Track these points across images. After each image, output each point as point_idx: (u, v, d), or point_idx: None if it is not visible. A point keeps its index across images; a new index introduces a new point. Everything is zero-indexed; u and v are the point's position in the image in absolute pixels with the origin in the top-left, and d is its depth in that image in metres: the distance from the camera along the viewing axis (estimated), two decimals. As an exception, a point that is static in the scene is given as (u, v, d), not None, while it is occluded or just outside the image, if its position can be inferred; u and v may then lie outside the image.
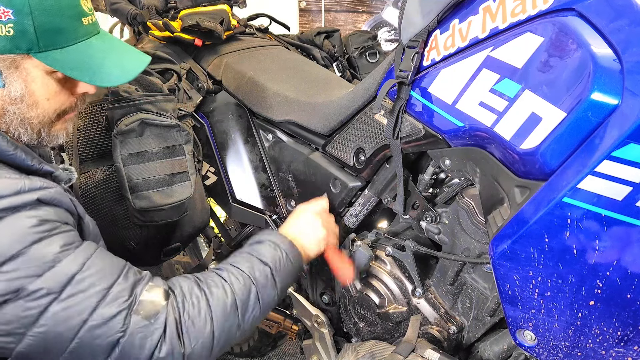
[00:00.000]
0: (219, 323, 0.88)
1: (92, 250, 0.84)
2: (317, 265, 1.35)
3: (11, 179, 0.80)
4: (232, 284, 0.93)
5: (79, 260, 0.81)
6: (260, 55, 1.58)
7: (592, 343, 0.78)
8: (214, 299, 0.89)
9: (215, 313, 0.88)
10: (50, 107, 0.90)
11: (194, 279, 0.92)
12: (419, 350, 0.97)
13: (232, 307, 0.91)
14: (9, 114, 0.87)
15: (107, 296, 0.81)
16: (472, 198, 0.98)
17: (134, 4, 1.62)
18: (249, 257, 0.99)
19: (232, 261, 0.99)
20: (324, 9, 3.19)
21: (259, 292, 0.95)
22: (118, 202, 1.23)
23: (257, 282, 0.96)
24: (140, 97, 1.22)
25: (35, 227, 0.78)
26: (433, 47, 0.93)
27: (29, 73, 0.86)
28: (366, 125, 1.13)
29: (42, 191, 0.81)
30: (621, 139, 0.65)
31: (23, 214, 0.78)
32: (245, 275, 0.95)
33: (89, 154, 1.26)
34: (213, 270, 0.96)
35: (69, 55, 0.86)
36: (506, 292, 0.82)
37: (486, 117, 0.83)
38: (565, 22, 0.73)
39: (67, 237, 0.82)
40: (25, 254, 0.77)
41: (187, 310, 0.86)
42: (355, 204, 1.22)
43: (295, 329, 1.54)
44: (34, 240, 0.78)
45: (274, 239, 1.04)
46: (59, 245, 0.80)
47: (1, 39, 0.81)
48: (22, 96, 0.86)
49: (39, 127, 0.91)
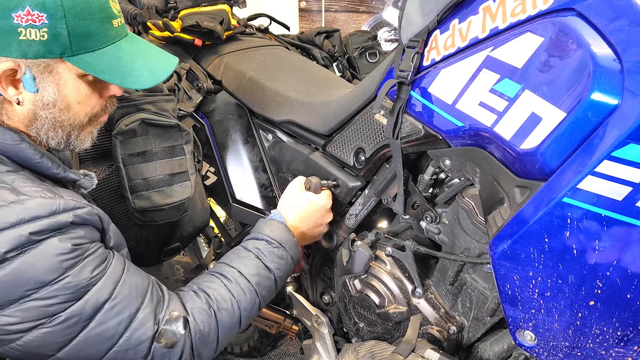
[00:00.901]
0: (224, 338, 0.97)
1: (120, 272, 0.87)
2: (318, 265, 1.35)
3: (46, 199, 0.80)
4: (240, 301, 0.98)
5: (109, 287, 0.84)
6: (260, 55, 1.58)
7: (592, 343, 0.78)
8: (223, 321, 0.95)
9: (222, 332, 0.96)
10: (82, 110, 0.91)
11: (205, 299, 0.95)
12: (419, 350, 0.97)
13: (237, 321, 0.98)
14: (41, 119, 0.88)
15: (134, 321, 0.86)
16: (472, 198, 0.98)
17: (134, 4, 1.62)
18: (257, 263, 1.03)
19: (240, 267, 1.02)
20: (324, 9, 3.19)
21: (262, 302, 1.03)
22: (118, 202, 1.23)
23: (261, 295, 1.02)
24: (140, 97, 1.22)
25: (69, 254, 0.80)
26: (433, 47, 0.93)
27: (61, 77, 0.86)
28: (366, 125, 1.13)
29: (75, 211, 0.82)
30: (621, 139, 0.65)
31: (57, 239, 0.79)
32: (252, 289, 1.00)
33: (89, 154, 1.26)
34: (223, 283, 0.99)
35: (99, 58, 0.86)
36: (506, 292, 0.82)
37: (486, 117, 0.83)
38: (565, 22, 0.73)
39: (97, 259, 0.84)
40: (62, 281, 0.79)
41: (200, 336, 0.92)
42: (355, 204, 1.22)
43: (295, 329, 1.54)
44: (68, 266, 0.80)
45: (283, 242, 1.08)
46: (89, 270, 0.82)
47: (35, 44, 0.81)
48: (55, 100, 0.87)
49: (69, 130, 0.91)
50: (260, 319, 1.62)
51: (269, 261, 1.04)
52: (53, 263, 0.78)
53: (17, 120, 0.88)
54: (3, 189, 0.79)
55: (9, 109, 0.87)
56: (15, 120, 0.88)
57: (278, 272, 1.05)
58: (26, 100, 0.86)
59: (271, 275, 1.04)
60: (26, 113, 0.87)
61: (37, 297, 0.77)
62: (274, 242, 1.07)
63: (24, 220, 0.76)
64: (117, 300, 0.84)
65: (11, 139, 0.85)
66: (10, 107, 0.87)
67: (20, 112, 0.87)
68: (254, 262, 1.03)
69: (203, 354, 0.93)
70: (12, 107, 0.87)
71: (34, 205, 0.78)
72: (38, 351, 0.81)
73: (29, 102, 0.86)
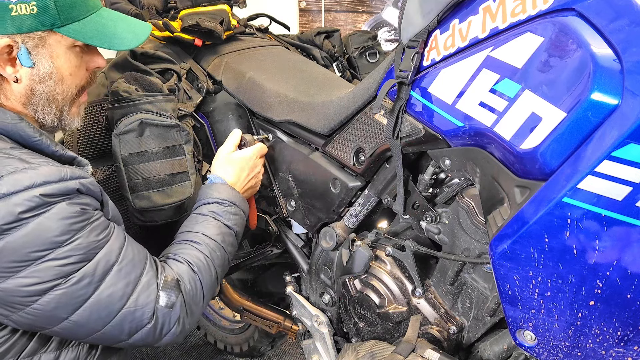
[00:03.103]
0: (209, 289, 1.06)
1: (123, 239, 0.95)
2: (318, 265, 1.35)
3: (54, 167, 0.86)
4: (214, 259, 1.07)
5: (115, 250, 0.91)
6: (260, 55, 1.58)
7: (592, 343, 0.78)
8: (205, 280, 1.04)
9: (206, 290, 1.05)
10: (73, 82, 0.99)
11: (187, 265, 1.03)
12: (419, 350, 0.97)
13: (215, 279, 1.07)
14: (37, 94, 0.95)
15: (139, 284, 0.93)
16: (472, 198, 0.98)
17: (134, 4, 1.62)
18: (216, 224, 1.12)
19: (204, 230, 1.10)
20: (324, 9, 3.19)
21: (229, 256, 1.13)
22: (118, 202, 1.23)
23: (228, 251, 1.12)
24: (140, 97, 1.22)
25: (78, 217, 0.86)
26: (433, 47, 0.93)
27: (54, 49, 0.93)
28: (366, 125, 1.13)
29: (81, 180, 0.89)
30: (621, 139, 0.65)
31: (65, 203, 0.85)
32: (219, 246, 1.10)
33: (89, 154, 1.26)
34: (194, 247, 1.07)
35: (86, 27, 0.94)
36: (506, 292, 0.82)
37: (486, 117, 0.83)
38: (565, 22, 0.73)
39: (101, 225, 0.91)
40: (74, 242, 0.85)
41: (191, 296, 1.01)
42: (355, 204, 1.22)
43: (295, 329, 1.54)
44: (78, 228, 0.86)
45: (232, 199, 1.17)
46: (97, 234, 0.89)
47: (27, 18, 0.88)
48: (50, 73, 0.94)
49: (62, 105, 0.99)
50: (260, 319, 1.62)
51: (226, 219, 1.14)
52: (64, 225, 0.84)
53: (14, 100, 0.94)
54: (12, 159, 0.84)
55: (7, 88, 0.93)
56: (13, 100, 0.94)
57: (236, 227, 1.16)
58: (23, 76, 0.92)
59: (231, 231, 1.14)
60: (23, 90, 0.93)
61: (52, 258, 0.83)
62: (224, 201, 1.16)
63: (36, 184, 0.82)
64: (123, 263, 0.91)
65: (11, 118, 0.89)
66: (8, 86, 0.93)
67: (17, 91, 0.93)
68: (213, 223, 1.12)
69: (194, 311, 1.02)
70: (10, 86, 0.93)
71: (44, 171, 0.84)
72: (54, 313, 0.86)
73: (26, 77, 0.92)
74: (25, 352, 0.91)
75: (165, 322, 0.96)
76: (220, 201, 1.16)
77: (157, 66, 1.38)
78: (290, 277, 1.47)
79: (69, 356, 0.96)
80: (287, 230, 1.53)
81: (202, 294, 1.04)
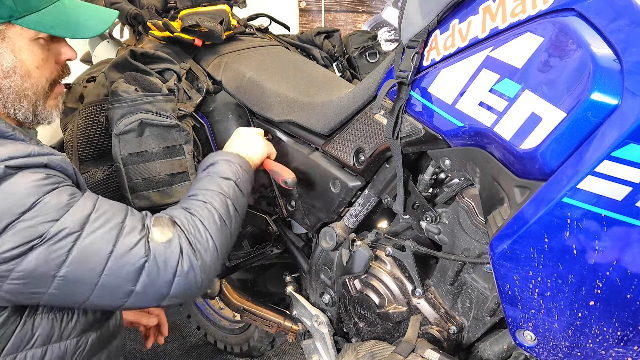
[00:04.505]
0: (216, 235, 0.99)
1: (96, 196, 0.92)
2: (318, 265, 1.35)
3: (23, 144, 0.86)
4: (212, 203, 1.02)
5: (89, 203, 0.89)
6: (260, 55, 1.58)
7: (592, 343, 0.78)
8: (205, 218, 0.99)
9: (210, 229, 0.98)
10: (42, 75, 0.96)
11: (181, 208, 1.00)
12: (419, 350, 0.97)
13: (220, 220, 1.01)
14: (5, 90, 0.93)
15: (124, 228, 0.89)
16: (472, 198, 0.98)
17: (133, 4, 1.62)
18: (212, 179, 1.07)
19: (199, 186, 1.06)
20: (324, 9, 3.19)
21: (234, 203, 1.06)
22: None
23: (228, 195, 1.06)
24: (140, 97, 1.22)
25: (45, 180, 0.84)
26: (433, 47, 0.93)
27: (15, 42, 0.91)
28: (366, 125, 1.13)
29: (50, 156, 0.87)
30: (621, 139, 0.65)
31: (29, 171, 0.84)
32: (218, 193, 1.04)
33: (89, 154, 1.26)
34: (189, 199, 1.03)
35: (46, 17, 0.92)
36: (506, 292, 0.82)
37: (486, 117, 0.83)
38: (565, 22, 0.73)
39: (72, 189, 0.89)
40: (42, 202, 0.83)
41: (190, 232, 0.95)
42: (355, 204, 1.22)
43: (295, 329, 1.54)
44: (46, 191, 0.84)
45: (225, 157, 1.12)
46: (67, 194, 0.87)
47: None
48: (14, 67, 0.92)
49: (35, 100, 0.96)
50: (260, 319, 1.62)
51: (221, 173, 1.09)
52: (31, 187, 0.83)
53: None
54: None
55: None
56: None
57: (234, 177, 1.09)
58: None
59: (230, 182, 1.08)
60: None
61: (23, 219, 0.81)
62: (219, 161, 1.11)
63: (1, 159, 0.81)
64: (100, 212, 0.88)
65: None
66: None
67: None
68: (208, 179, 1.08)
69: (203, 254, 0.95)
70: None
71: (11, 147, 0.84)
72: (40, 271, 0.83)
73: None
74: (7, 349, 0.88)
75: (166, 258, 0.90)
76: (213, 162, 1.11)
77: (157, 66, 1.38)
78: (290, 277, 1.47)
79: (56, 352, 0.93)
80: (287, 230, 1.53)
81: (209, 236, 0.97)
